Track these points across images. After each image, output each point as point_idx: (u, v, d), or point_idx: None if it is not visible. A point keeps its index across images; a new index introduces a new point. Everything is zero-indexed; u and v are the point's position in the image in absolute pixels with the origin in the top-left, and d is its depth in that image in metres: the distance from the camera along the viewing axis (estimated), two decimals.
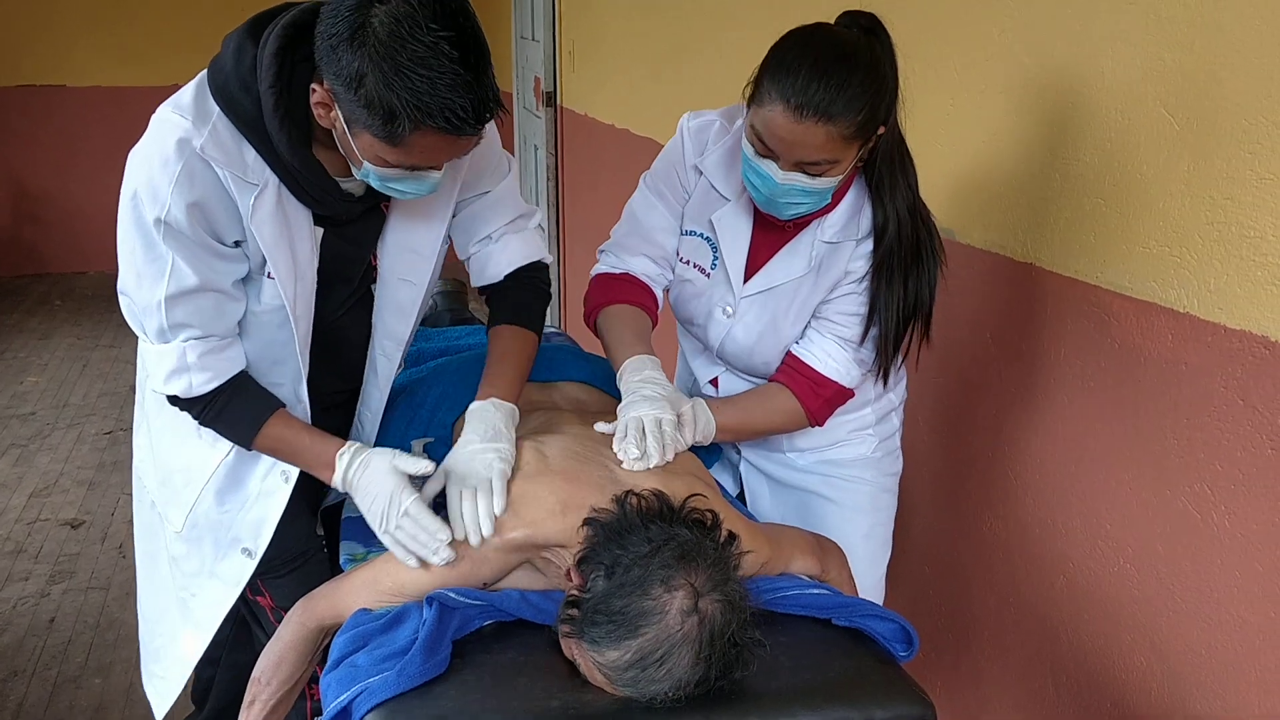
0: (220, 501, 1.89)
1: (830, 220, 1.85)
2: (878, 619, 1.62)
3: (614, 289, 1.99)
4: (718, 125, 1.94)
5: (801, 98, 1.59)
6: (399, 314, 1.93)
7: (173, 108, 1.61)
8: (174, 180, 1.56)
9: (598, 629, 1.37)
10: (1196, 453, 1.71)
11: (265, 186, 1.63)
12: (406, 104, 1.42)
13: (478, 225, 1.95)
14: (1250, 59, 1.56)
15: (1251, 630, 1.63)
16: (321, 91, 1.51)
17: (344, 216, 1.75)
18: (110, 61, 7.43)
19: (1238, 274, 1.60)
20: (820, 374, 1.89)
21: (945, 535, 2.41)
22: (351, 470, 1.70)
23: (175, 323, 1.66)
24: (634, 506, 1.47)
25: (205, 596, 1.94)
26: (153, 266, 1.62)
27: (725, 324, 1.97)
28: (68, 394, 5.31)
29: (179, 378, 1.69)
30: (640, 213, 2.01)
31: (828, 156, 1.65)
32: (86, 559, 3.70)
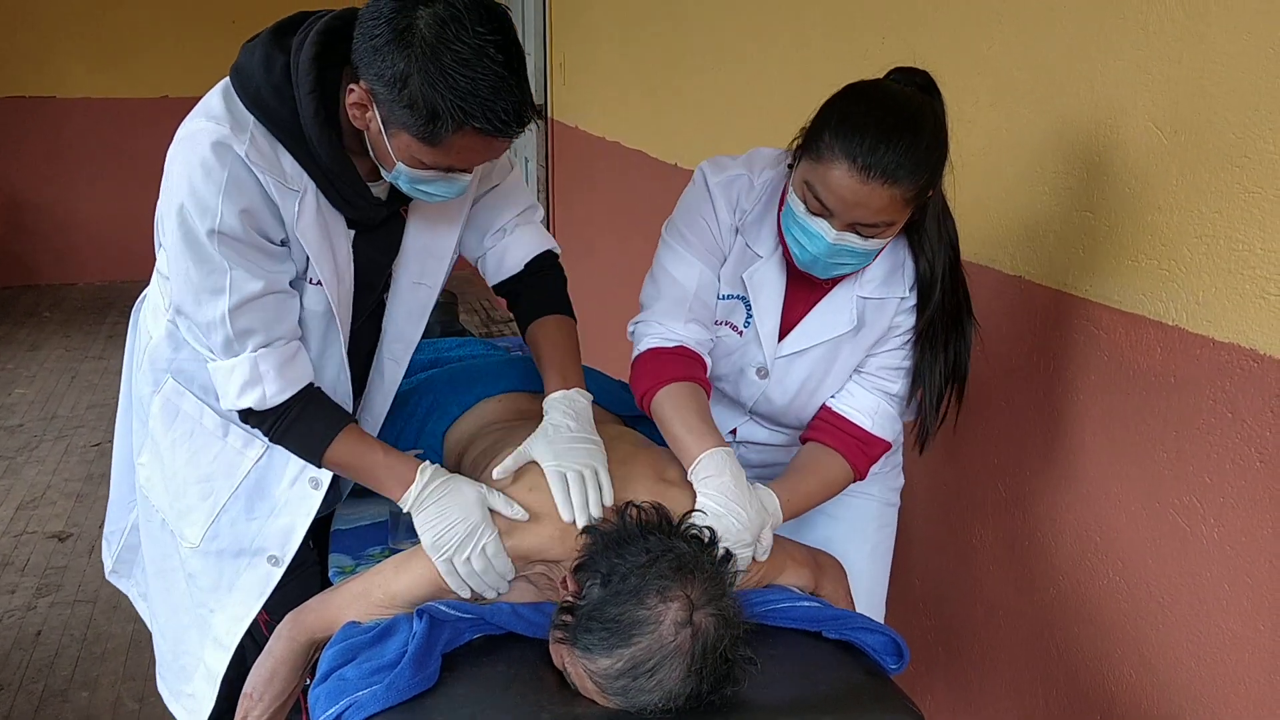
0: (250, 510, 1.87)
1: (869, 275, 1.80)
2: (868, 632, 1.62)
3: (670, 365, 1.81)
4: (744, 179, 1.84)
5: (870, 158, 1.54)
6: (411, 317, 1.92)
7: (204, 117, 1.60)
8: (222, 188, 1.56)
9: (591, 636, 1.37)
10: (1185, 465, 1.71)
11: (305, 192, 1.64)
12: (451, 104, 1.44)
13: (491, 219, 1.95)
14: (1238, 72, 1.56)
15: (1241, 642, 1.63)
16: (360, 92, 1.52)
17: (372, 220, 1.76)
18: (99, 72, 7.42)
19: (1226, 287, 1.61)
20: (869, 433, 1.82)
21: (935, 547, 2.41)
22: (429, 490, 1.64)
23: (241, 330, 1.64)
24: (634, 518, 1.48)
25: (225, 612, 1.91)
26: (210, 280, 1.61)
27: (759, 385, 1.89)
28: (56, 406, 5.29)
29: (252, 390, 1.67)
30: (678, 273, 1.84)
31: (886, 219, 1.61)
32: (74, 572, 3.68)
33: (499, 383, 2.02)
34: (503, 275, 1.98)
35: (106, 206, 7.56)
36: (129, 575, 2.21)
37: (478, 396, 1.99)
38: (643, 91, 4.26)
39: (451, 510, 1.60)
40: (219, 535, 1.89)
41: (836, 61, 2.63)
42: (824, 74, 2.69)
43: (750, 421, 1.99)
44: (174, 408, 1.87)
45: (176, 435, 1.88)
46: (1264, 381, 1.56)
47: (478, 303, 7.19)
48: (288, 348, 1.69)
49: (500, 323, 6.75)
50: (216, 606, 1.92)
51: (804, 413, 1.90)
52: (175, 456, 1.89)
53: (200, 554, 1.91)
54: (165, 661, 2.04)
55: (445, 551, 1.58)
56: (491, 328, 6.64)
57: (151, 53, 7.42)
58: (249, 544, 1.89)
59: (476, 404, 1.98)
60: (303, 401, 1.71)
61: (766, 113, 3.09)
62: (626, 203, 4.45)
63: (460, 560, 1.58)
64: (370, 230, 1.77)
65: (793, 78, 2.91)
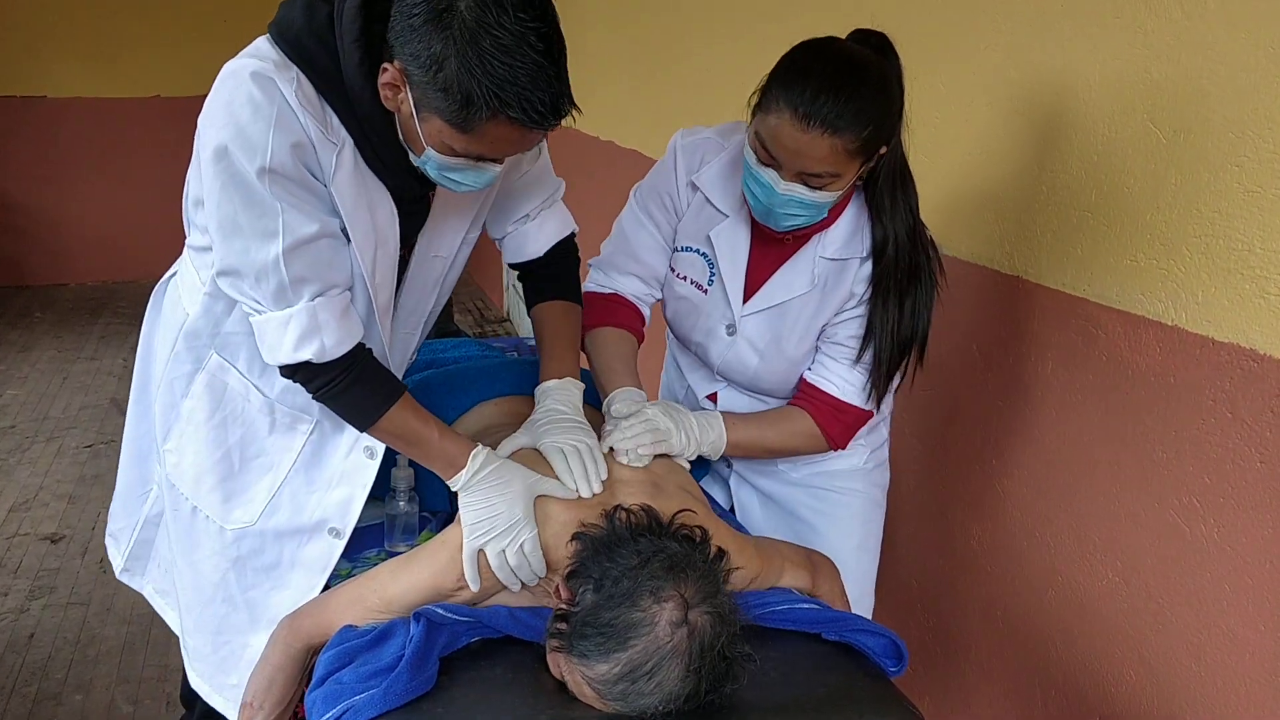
0: (310, 482, 1.85)
1: (830, 236, 1.85)
2: (868, 634, 1.61)
3: (603, 310, 2.00)
4: (712, 142, 1.93)
5: (809, 107, 1.59)
6: (424, 289, 1.89)
7: (248, 55, 1.53)
8: (273, 122, 1.49)
9: (586, 642, 1.36)
10: (1185, 465, 1.71)
11: (343, 147, 1.58)
12: (486, 91, 1.40)
13: (516, 205, 1.93)
14: (1236, 72, 1.56)
15: (1241, 643, 1.62)
16: (393, 71, 1.47)
17: (406, 194, 1.69)
18: (91, 72, 7.39)
19: (1225, 287, 1.61)
20: (840, 400, 1.88)
21: (932, 547, 2.40)
22: (479, 477, 1.64)
23: (296, 277, 1.57)
24: (623, 521, 1.47)
25: (289, 590, 1.88)
26: (261, 223, 1.54)
27: (727, 342, 1.96)
28: (48, 407, 5.26)
29: (311, 340, 1.60)
30: (629, 231, 2.01)
31: (830, 169, 1.65)
32: (67, 574, 3.66)
33: (496, 385, 2.02)
34: (521, 259, 1.98)
35: (99, 207, 7.53)
36: (142, 573, 2.14)
37: (475, 399, 1.99)
38: (636, 90, 4.25)
39: (498, 502, 1.60)
40: (279, 510, 1.86)
41: None
42: None
43: (728, 388, 2.05)
44: (220, 384, 1.83)
45: (227, 413, 1.84)
46: (1264, 381, 1.56)
47: (471, 303, 7.18)
48: (343, 297, 1.64)
49: (494, 323, 6.74)
50: (277, 585, 1.89)
51: (775, 376, 1.96)
52: (227, 435, 1.85)
53: (255, 534, 1.87)
54: (201, 655, 1.98)
55: (482, 539, 1.58)
56: (485, 328, 6.62)
57: (144, 52, 7.39)
58: (309, 518, 1.86)
59: (474, 407, 1.98)
60: (360, 363, 1.66)
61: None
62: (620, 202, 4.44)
63: (494, 551, 1.58)
64: (401, 204, 1.70)
65: None
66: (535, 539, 1.59)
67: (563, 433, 1.71)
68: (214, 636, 1.95)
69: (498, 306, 7.05)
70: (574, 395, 1.81)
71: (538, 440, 1.72)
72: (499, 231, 1.98)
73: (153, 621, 3.35)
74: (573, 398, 1.80)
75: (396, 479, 1.91)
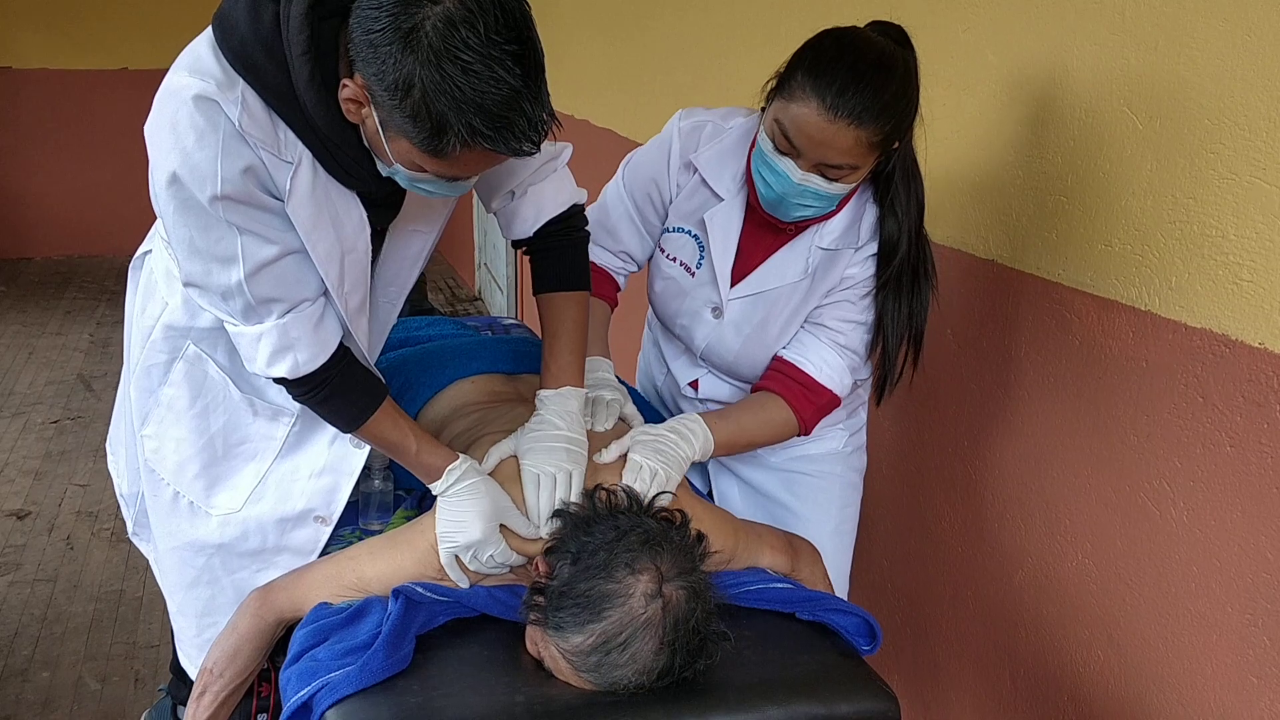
0: (295, 468, 1.83)
1: (830, 226, 1.84)
2: (841, 613, 1.62)
3: None
4: (712, 124, 1.92)
5: (838, 99, 1.58)
6: (404, 262, 1.82)
7: (189, 71, 1.42)
8: (219, 152, 1.40)
9: (562, 614, 1.38)
10: (1156, 449, 1.72)
11: (299, 164, 1.49)
12: (459, 120, 1.30)
13: (501, 179, 1.79)
14: (1214, 59, 1.57)
15: (1208, 625, 1.65)
16: (355, 88, 1.37)
17: (375, 195, 1.61)
18: (56, 43, 7.30)
19: (1199, 272, 1.62)
20: (816, 380, 1.86)
21: (904, 529, 2.42)
22: (453, 490, 1.62)
23: (262, 298, 1.52)
24: (603, 500, 1.48)
25: (275, 570, 1.84)
26: (219, 248, 1.48)
27: (712, 324, 1.95)
28: (12, 383, 5.21)
29: (283, 358, 1.56)
30: (611, 205, 2.02)
31: (850, 161, 1.65)
32: (33, 550, 3.64)
33: (472, 364, 2.01)
34: (516, 236, 1.85)
35: (64, 180, 7.46)
36: (149, 540, 2.08)
37: (451, 378, 1.98)
38: (614, 69, 4.24)
39: (468, 517, 1.59)
40: (264, 498, 1.84)
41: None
42: None
43: (710, 374, 2.04)
44: (200, 373, 1.80)
45: (208, 401, 1.81)
46: (1235, 367, 1.57)
47: (442, 281, 7.16)
48: (314, 309, 1.58)
49: (465, 301, 6.72)
50: (264, 566, 1.86)
51: (755, 362, 1.94)
52: (209, 422, 1.82)
53: (240, 520, 1.85)
54: (187, 638, 1.98)
55: (451, 548, 1.59)
56: (456, 306, 6.61)
57: (111, 23, 7.30)
58: (294, 506, 1.84)
59: (450, 385, 1.97)
60: (339, 373, 1.62)
61: (736, 91, 3.08)
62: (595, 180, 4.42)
63: (466, 558, 1.59)
64: (372, 204, 1.63)
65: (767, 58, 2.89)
66: (505, 549, 1.60)
67: (546, 453, 1.64)
68: (198, 620, 1.94)
69: (469, 285, 7.03)
70: (570, 404, 1.72)
71: (521, 455, 1.66)
72: (491, 206, 1.87)
73: (120, 599, 3.34)
74: (569, 407, 1.71)
75: (371, 457, 1.90)
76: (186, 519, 1.88)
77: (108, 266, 7.46)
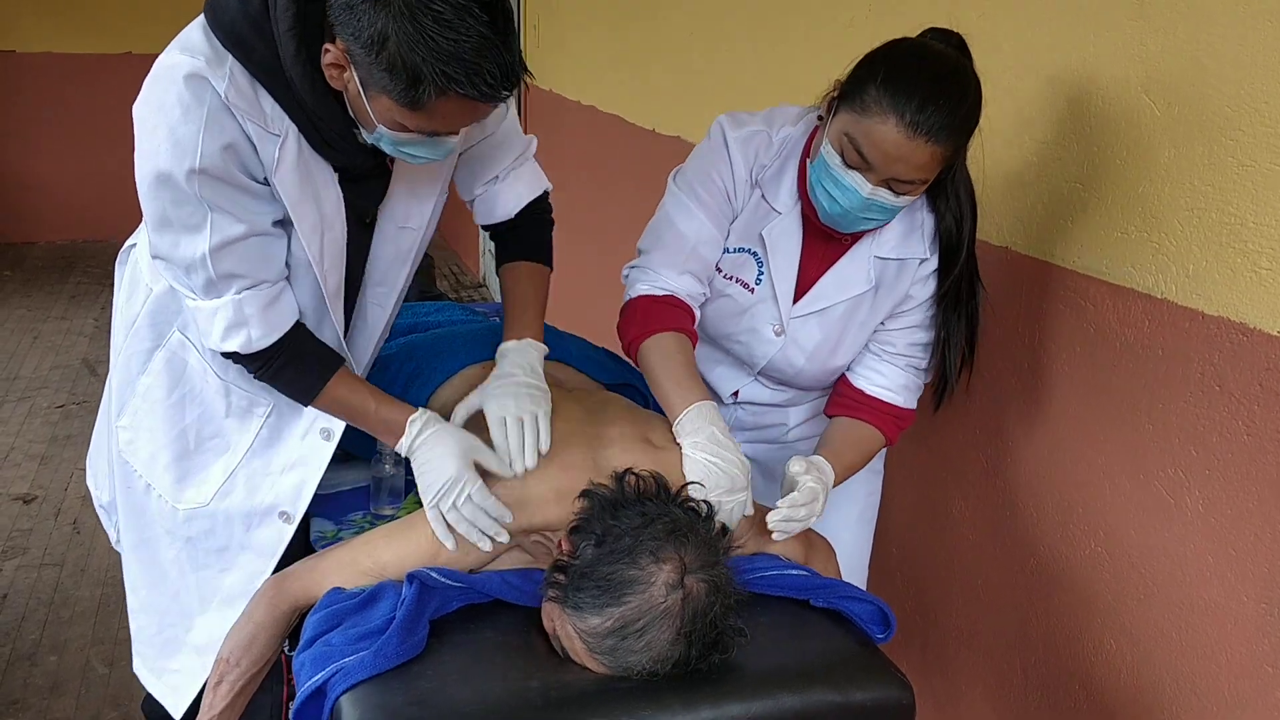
0: (267, 464, 1.84)
1: (885, 234, 1.81)
2: (855, 601, 1.62)
3: (659, 315, 1.82)
4: (763, 134, 1.84)
5: (919, 115, 1.55)
6: (395, 261, 1.86)
7: (180, 50, 1.50)
8: (203, 125, 1.47)
9: (582, 594, 1.38)
10: (1171, 438, 1.72)
11: (285, 137, 1.56)
12: (432, 69, 1.37)
13: (484, 168, 1.90)
14: (1233, 45, 1.56)
15: (1223, 614, 1.64)
16: (335, 52, 1.44)
17: (359, 168, 1.67)
18: (61, 28, 7.27)
19: (1216, 260, 1.61)
20: (905, 410, 1.90)
21: (916, 517, 2.42)
22: (419, 440, 1.65)
23: (224, 273, 1.58)
24: (631, 485, 1.48)
25: (238, 571, 1.87)
26: (189, 222, 1.54)
27: (775, 343, 1.89)
28: (18, 367, 5.20)
29: (237, 333, 1.62)
30: (682, 225, 1.84)
31: (923, 176, 1.63)
32: (39, 534, 3.63)
33: (482, 350, 2.00)
34: (492, 220, 1.95)
35: (68, 164, 7.43)
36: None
37: (461, 363, 1.97)
38: (620, 54, 4.22)
39: (436, 460, 1.61)
40: (233, 492, 1.85)
41: (820, 28, 2.61)
42: (807, 41, 2.67)
43: (754, 382, 1.99)
44: (181, 362, 1.82)
45: (185, 392, 1.83)
46: (1253, 355, 1.56)
47: (447, 268, 7.14)
48: (272, 289, 1.64)
49: (470, 288, 6.71)
50: (228, 566, 1.88)
51: (819, 375, 1.92)
52: (184, 414, 1.84)
53: (207, 514, 1.86)
54: (145, 638, 1.97)
55: (434, 500, 1.59)
56: (461, 293, 6.59)
57: (114, 7, 7.28)
58: (261, 501, 1.85)
59: (459, 371, 1.96)
60: (292, 345, 1.67)
61: (747, 77, 3.07)
62: (603, 167, 4.42)
63: (447, 508, 1.58)
64: (357, 180, 1.70)
65: (773, 42, 2.88)
66: (481, 488, 1.59)
67: (511, 398, 1.67)
68: (160, 617, 1.94)
69: (473, 273, 7.02)
70: (532, 356, 1.77)
71: (485, 404, 1.70)
72: (469, 194, 1.95)
73: None
74: (530, 359, 1.77)
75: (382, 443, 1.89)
76: (156, 513, 1.89)
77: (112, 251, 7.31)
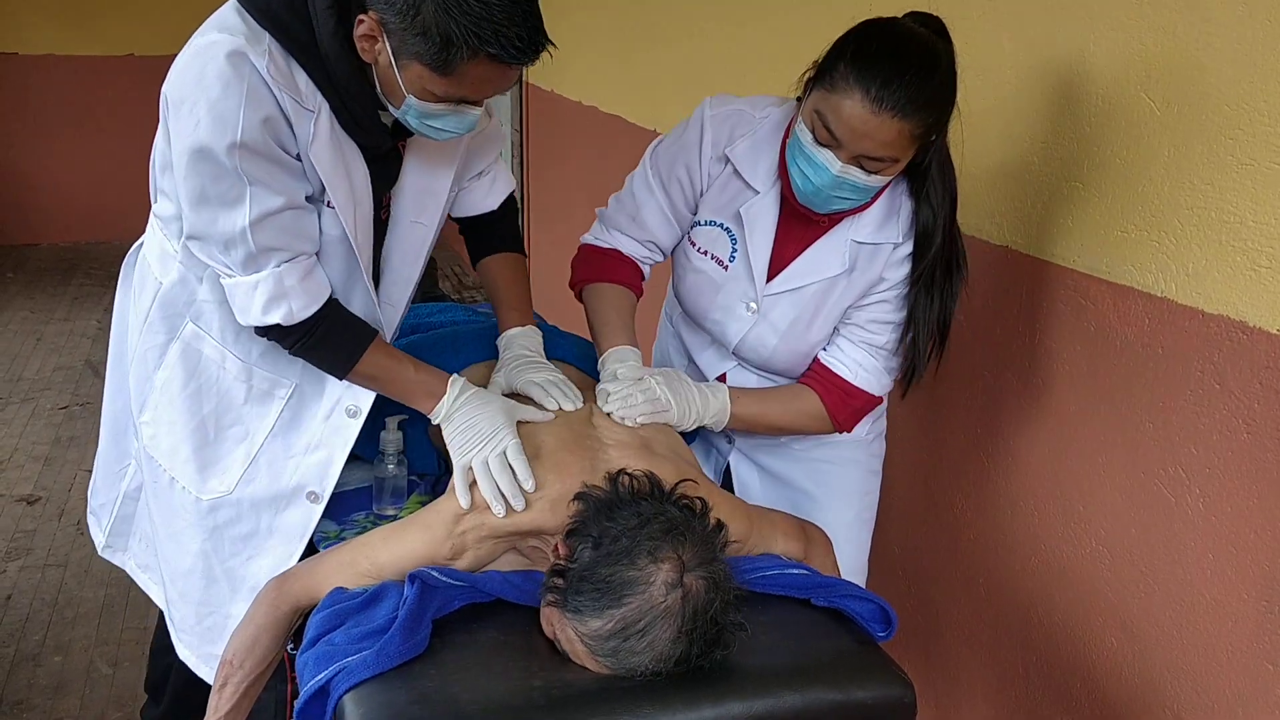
0: (288, 447, 1.86)
1: (864, 219, 1.82)
2: (857, 599, 1.62)
3: (602, 265, 1.99)
4: (744, 114, 1.87)
5: (883, 91, 1.56)
6: (407, 257, 1.91)
7: (218, 29, 1.56)
8: (243, 100, 1.52)
9: (582, 597, 1.38)
10: (1172, 436, 1.72)
11: (319, 113, 1.62)
12: (465, 30, 1.44)
13: (474, 162, 1.99)
14: (1232, 44, 1.56)
15: (1224, 612, 1.65)
16: (369, 22, 1.50)
17: (379, 148, 1.73)
18: (64, 29, 7.28)
19: (1216, 259, 1.61)
20: (852, 385, 1.87)
21: (916, 516, 2.42)
22: (461, 399, 1.71)
23: (263, 246, 1.61)
24: (626, 485, 1.48)
25: (268, 557, 1.89)
26: (229, 196, 1.58)
27: (747, 320, 1.91)
28: (21, 368, 5.21)
29: (278, 305, 1.65)
30: (639, 194, 1.96)
31: (891, 154, 1.64)
32: (43, 535, 3.64)
33: (485, 349, 2.01)
34: (474, 213, 2.05)
35: (71, 166, 7.44)
36: (124, 549, 2.15)
37: (465, 362, 1.98)
38: (619, 55, 4.23)
39: (479, 418, 1.66)
40: (256, 478, 1.86)
41: (821, 24, 2.61)
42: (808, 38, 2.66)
43: (739, 368, 2.01)
44: (195, 353, 1.84)
45: (201, 382, 1.84)
46: (1253, 353, 1.57)
47: (449, 269, 7.15)
48: (309, 261, 1.68)
49: (472, 289, 6.71)
50: (256, 553, 1.90)
51: (794, 358, 1.93)
52: (202, 404, 1.85)
53: (233, 502, 1.87)
54: (187, 626, 1.98)
55: (467, 454, 1.61)
56: (464, 294, 6.60)
57: (119, 10, 7.29)
58: (286, 483, 1.87)
59: (464, 369, 1.97)
60: (329, 316, 1.71)
61: (748, 75, 3.07)
62: (602, 167, 4.42)
63: (479, 464, 1.60)
64: (374, 160, 1.74)
65: (776, 39, 2.88)
66: (518, 445, 1.61)
67: (535, 370, 1.81)
68: (198, 607, 1.95)
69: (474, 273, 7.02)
70: (536, 340, 1.92)
71: (511, 380, 1.80)
72: (463, 183, 2.00)
73: (131, 584, 3.30)
74: (535, 343, 1.91)
75: (385, 442, 1.90)
76: (181, 505, 1.90)
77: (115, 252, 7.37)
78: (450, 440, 1.67)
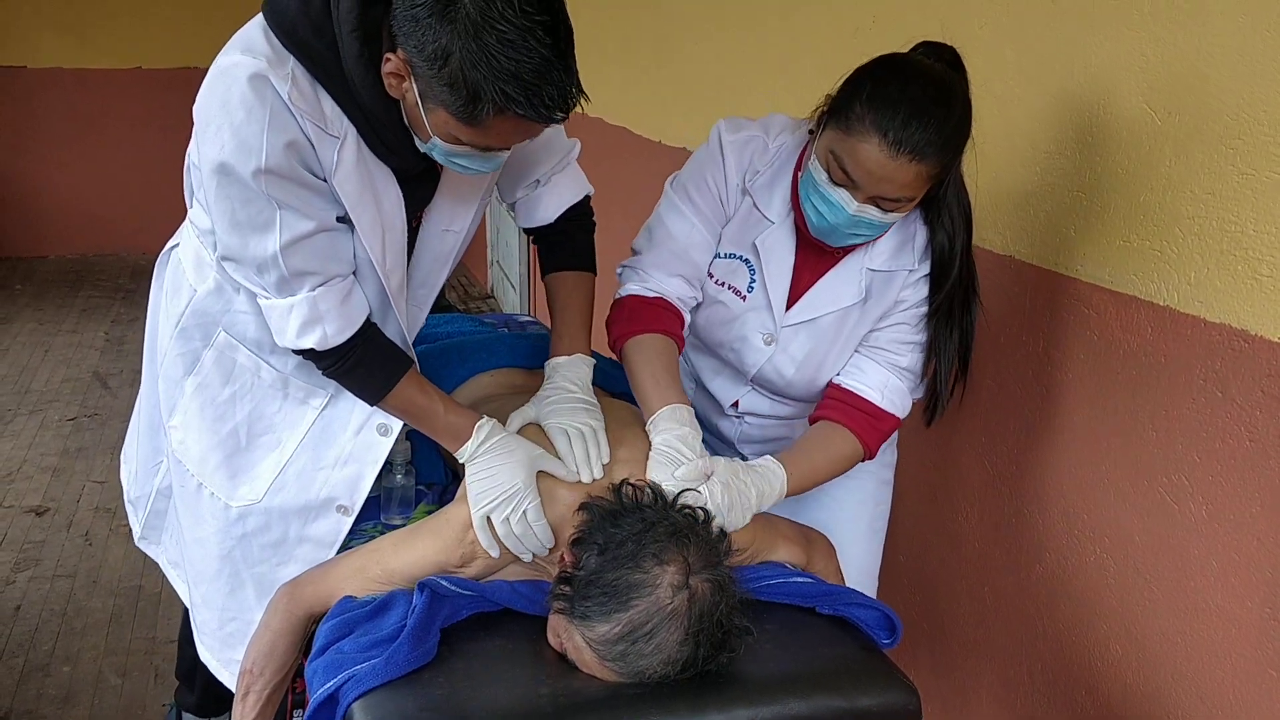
0: (317, 459, 1.85)
1: (879, 247, 1.81)
2: (861, 607, 1.63)
3: (645, 315, 1.84)
4: (759, 140, 1.84)
5: (901, 134, 1.54)
6: (436, 263, 1.88)
7: (242, 50, 1.51)
8: (266, 125, 1.49)
9: (589, 603, 1.39)
10: (1174, 444, 1.73)
11: (345, 139, 1.58)
12: (493, 87, 1.39)
13: (528, 169, 1.91)
14: (1234, 54, 1.57)
15: (1227, 619, 1.65)
16: (396, 62, 1.45)
17: (412, 170, 1.69)
18: (71, 43, 7.33)
19: (1218, 267, 1.62)
20: (880, 408, 1.83)
21: (922, 524, 2.43)
22: (485, 446, 1.66)
23: (296, 270, 1.59)
24: (629, 495, 1.49)
25: (297, 563, 1.88)
26: (259, 219, 1.55)
27: (765, 351, 1.89)
28: (29, 380, 5.24)
29: (312, 330, 1.63)
30: (674, 228, 1.86)
31: (909, 194, 1.62)
32: (52, 546, 3.66)
33: (492, 358, 2.02)
34: (534, 224, 1.96)
35: (79, 178, 7.49)
36: (158, 541, 2.15)
37: (471, 372, 1.99)
38: (626, 67, 4.24)
39: (501, 470, 1.61)
40: (285, 488, 1.86)
41: (824, 39, 2.63)
42: (812, 51, 2.69)
43: (752, 392, 1.99)
44: (229, 360, 1.83)
45: (236, 389, 1.84)
46: (1254, 362, 1.57)
47: (455, 279, 7.17)
48: (344, 284, 1.65)
49: (478, 299, 6.74)
50: (284, 560, 1.89)
51: (811, 386, 1.91)
52: (235, 411, 1.85)
53: (261, 510, 1.87)
54: (209, 630, 1.99)
55: (486, 508, 1.59)
56: (470, 304, 6.62)
57: (125, 23, 7.33)
58: (316, 495, 1.86)
59: (471, 378, 1.98)
60: (364, 343, 1.69)
61: (753, 89, 3.09)
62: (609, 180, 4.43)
63: (499, 519, 1.58)
64: (407, 181, 1.71)
65: (780, 54, 2.90)
66: (538, 507, 1.59)
67: (569, 413, 1.70)
68: (220, 612, 1.96)
69: (481, 283, 7.04)
70: (583, 372, 1.80)
71: (543, 418, 1.71)
72: (510, 196, 1.96)
73: (139, 594, 3.36)
74: (581, 375, 1.79)
75: (394, 452, 1.91)
76: (209, 510, 1.90)
77: (122, 264, 7.50)
78: (470, 484, 1.63)
